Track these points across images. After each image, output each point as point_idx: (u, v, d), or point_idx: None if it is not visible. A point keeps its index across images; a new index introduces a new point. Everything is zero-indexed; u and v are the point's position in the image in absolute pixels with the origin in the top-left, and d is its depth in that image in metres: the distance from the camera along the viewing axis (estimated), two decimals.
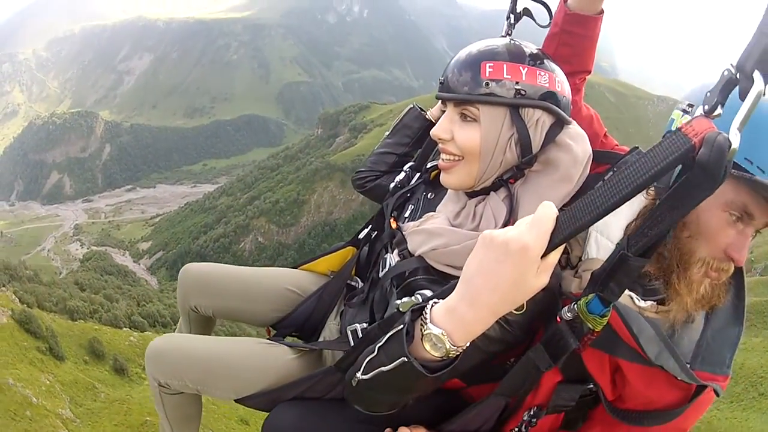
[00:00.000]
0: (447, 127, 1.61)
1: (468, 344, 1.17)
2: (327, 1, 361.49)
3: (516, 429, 1.63)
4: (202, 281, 2.37)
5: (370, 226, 2.18)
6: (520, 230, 1.08)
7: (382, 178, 2.35)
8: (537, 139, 1.56)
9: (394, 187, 2.09)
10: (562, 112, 1.57)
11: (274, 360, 1.98)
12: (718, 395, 1.44)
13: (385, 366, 1.24)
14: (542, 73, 1.54)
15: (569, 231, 1.06)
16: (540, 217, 1.08)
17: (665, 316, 1.45)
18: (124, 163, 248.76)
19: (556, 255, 1.10)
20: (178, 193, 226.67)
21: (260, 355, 2.01)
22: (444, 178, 1.67)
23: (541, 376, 1.53)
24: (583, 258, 1.56)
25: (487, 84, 1.52)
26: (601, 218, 1.05)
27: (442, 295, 1.18)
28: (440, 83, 1.63)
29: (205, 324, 2.52)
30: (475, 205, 1.62)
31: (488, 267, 1.08)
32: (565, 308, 1.26)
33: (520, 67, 1.53)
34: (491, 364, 1.55)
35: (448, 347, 1.14)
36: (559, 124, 1.59)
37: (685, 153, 0.94)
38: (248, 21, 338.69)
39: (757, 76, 0.92)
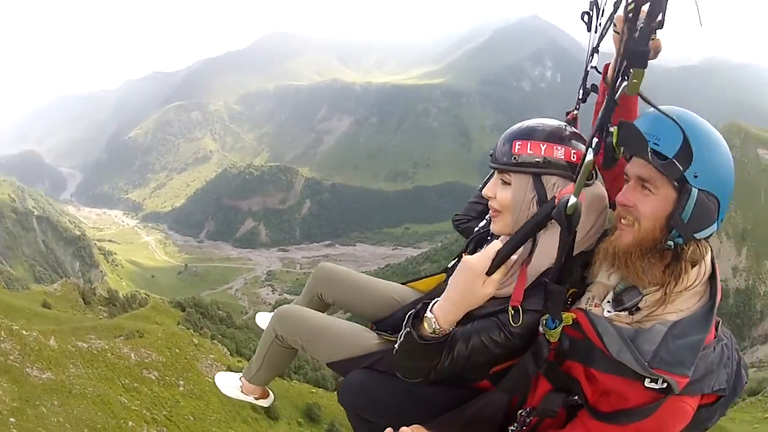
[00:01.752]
0: (492, 188, 2.29)
1: (451, 328, 2.03)
2: (521, 68, 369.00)
3: (516, 425, 2.22)
4: (334, 277, 3.39)
5: (457, 258, 2.77)
6: (475, 256, 2.00)
7: (471, 221, 3.09)
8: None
9: (477, 230, 2.80)
10: (573, 177, 2.13)
11: (364, 340, 2.88)
12: (672, 390, 1.78)
13: (401, 338, 2.11)
14: (558, 148, 2.16)
15: (500, 259, 1.94)
16: (487, 249, 1.99)
17: (630, 322, 1.94)
18: (323, 219, 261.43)
19: (498, 274, 1.97)
20: (378, 254, 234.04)
21: (356, 334, 2.94)
22: (492, 226, 2.37)
23: (530, 379, 2.10)
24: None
25: (515, 158, 2.18)
26: (510, 253, 1.97)
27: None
28: (490, 155, 2.28)
29: (321, 308, 3.43)
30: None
31: (455, 278, 2.02)
32: (540, 326, 1.98)
33: (541, 144, 2.16)
34: (504, 368, 2.23)
35: (434, 326, 2.00)
36: None
37: (547, 210, 1.80)
38: (445, 88, 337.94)
39: (590, 151, 1.57)
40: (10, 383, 25.29)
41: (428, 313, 2.03)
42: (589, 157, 1.57)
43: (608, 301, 2.03)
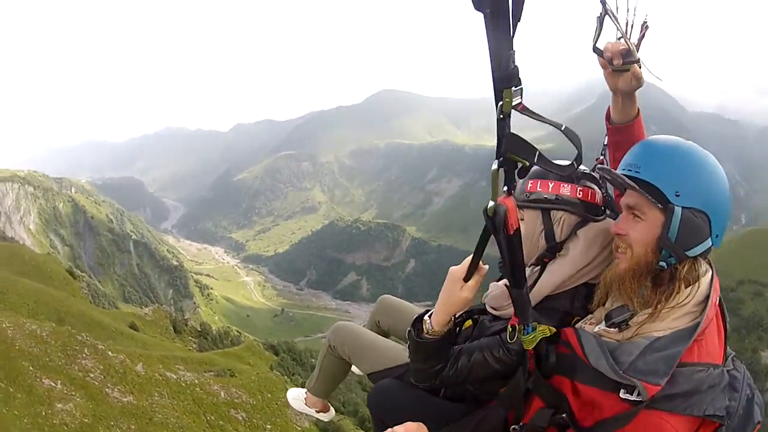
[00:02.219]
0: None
1: (442, 329, 2.23)
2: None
3: None
4: (391, 307, 3.71)
5: None
6: (458, 266, 2.16)
7: None
8: (559, 232, 2.43)
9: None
10: (581, 212, 2.41)
11: (399, 354, 3.19)
12: (642, 398, 1.82)
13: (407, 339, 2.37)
14: (565, 186, 2.40)
15: (473, 266, 2.07)
16: (466, 259, 2.12)
17: (619, 338, 2.01)
18: (426, 279, 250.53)
19: (473, 281, 2.10)
20: None
21: (394, 349, 3.28)
22: None
23: (521, 393, 2.21)
24: None
25: (527, 195, 2.46)
26: (477, 261, 2.06)
27: None
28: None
29: (379, 334, 3.67)
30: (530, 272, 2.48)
31: (443, 285, 2.20)
32: (517, 333, 2.06)
33: (550, 183, 2.41)
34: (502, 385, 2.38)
35: (427, 327, 2.25)
36: (583, 222, 2.41)
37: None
38: (553, 154, 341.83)
39: (495, 162, 1.64)
40: (86, 399, 26.48)
41: (425, 317, 2.29)
42: (494, 167, 1.64)
43: (602, 321, 2.12)
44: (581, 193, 2.40)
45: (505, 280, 2.29)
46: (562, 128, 1.94)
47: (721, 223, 1.92)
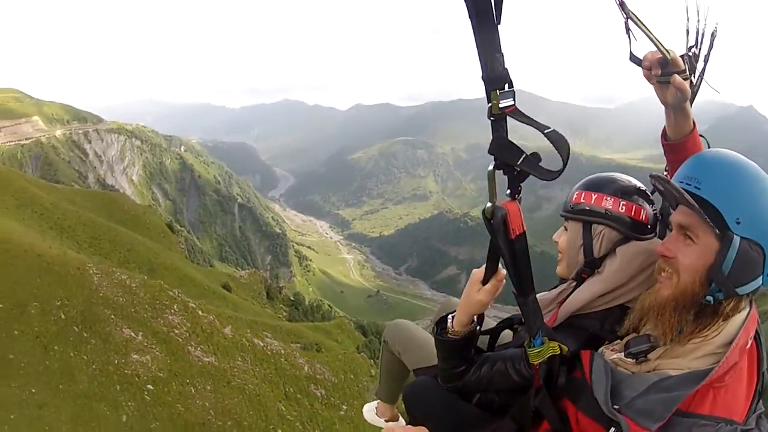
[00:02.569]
0: (558, 234, 2.46)
1: (461, 329, 2.17)
2: None
3: None
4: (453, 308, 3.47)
5: None
6: (480, 268, 2.09)
7: None
8: (598, 247, 2.28)
9: None
10: (624, 228, 2.25)
11: None
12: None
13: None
14: (608, 199, 2.25)
15: (490, 270, 2.00)
16: (484, 265, 2.04)
17: (635, 370, 1.82)
18: None
19: (490, 285, 2.03)
20: None
21: None
22: (557, 269, 2.48)
23: (530, 409, 2.07)
24: None
25: (571, 206, 2.34)
26: (494, 265, 1.99)
27: None
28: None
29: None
30: (566, 286, 2.39)
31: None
32: (524, 342, 2.00)
33: (592, 195, 2.28)
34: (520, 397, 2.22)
35: (448, 326, 2.19)
36: (625, 239, 2.25)
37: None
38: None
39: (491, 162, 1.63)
40: (165, 354, 26.66)
41: (449, 316, 2.26)
42: (489, 167, 1.64)
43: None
44: (624, 207, 2.25)
45: (550, 290, 2.33)
46: (545, 132, 1.69)
47: None
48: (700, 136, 2.18)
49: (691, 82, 2.05)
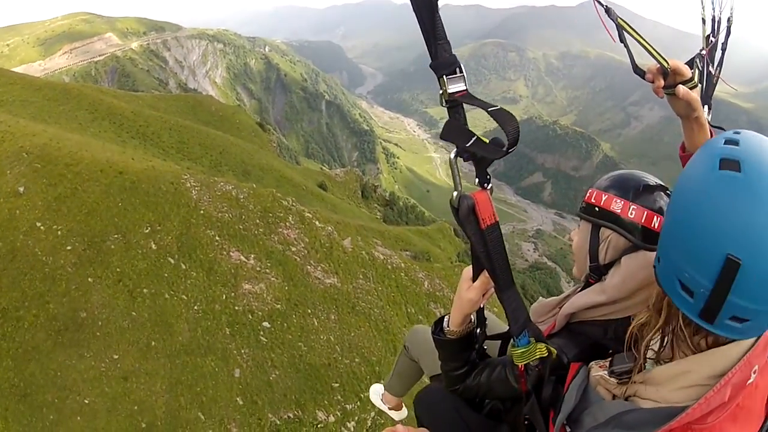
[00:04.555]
0: (575, 232, 2.24)
1: (456, 329, 2.04)
2: None
3: None
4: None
5: None
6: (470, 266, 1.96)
7: None
8: (604, 253, 2.06)
9: None
10: (632, 236, 1.97)
11: None
12: None
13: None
14: (618, 201, 1.98)
15: (477, 267, 1.85)
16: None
17: (616, 392, 1.54)
18: None
19: (479, 282, 1.87)
20: None
21: None
22: (573, 269, 2.31)
23: (522, 418, 2.00)
24: None
25: (584, 205, 2.12)
26: (481, 262, 1.77)
27: None
28: None
29: None
30: (572, 291, 2.27)
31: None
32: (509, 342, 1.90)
33: (603, 195, 2.03)
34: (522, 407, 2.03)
35: (445, 325, 2.07)
36: (633, 248, 1.99)
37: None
38: (752, 115, 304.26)
39: (453, 151, 1.52)
40: (282, 280, 22.63)
41: (446, 316, 2.14)
42: (451, 156, 1.54)
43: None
44: (634, 213, 1.98)
45: (559, 296, 2.21)
46: (488, 110, 1.54)
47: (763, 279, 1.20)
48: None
49: (707, 78, 1.98)
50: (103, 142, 34.11)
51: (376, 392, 4.34)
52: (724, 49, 2.05)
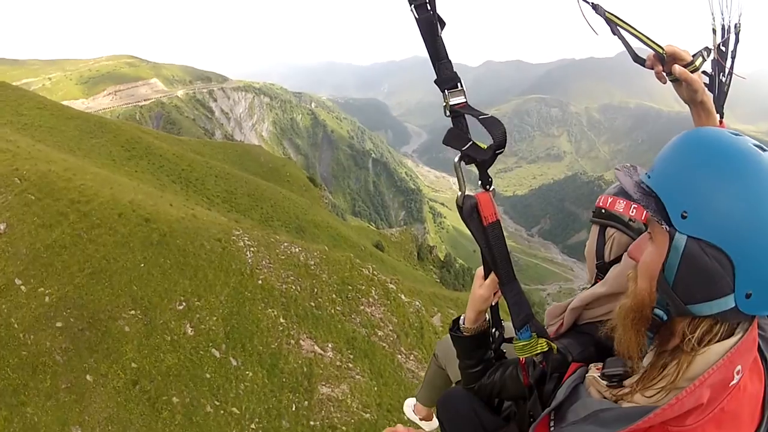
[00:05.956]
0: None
1: (471, 326, 2.11)
2: None
3: None
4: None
5: None
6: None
7: None
8: (609, 251, 2.21)
9: None
10: (630, 232, 2.15)
11: None
12: None
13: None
14: (621, 202, 2.15)
15: (487, 265, 1.93)
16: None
17: (608, 395, 1.46)
18: None
19: (490, 279, 1.95)
20: None
21: None
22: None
23: (528, 416, 1.96)
24: None
25: (593, 210, 2.29)
26: (488, 259, 1.81)
27: None
28: None
29: None
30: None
31: None
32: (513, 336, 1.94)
33: (609, 198, 2.21)
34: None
35: (461, 324, 2.14)
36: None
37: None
38: None
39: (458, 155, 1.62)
40: (370, 377, 16.47)
41: (462, 315, 2.22)
42: (455, 160, 1.64)
43: None
44: (635, 211, 2.12)
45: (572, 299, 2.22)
46: (479, 117, 1.60)
47: (758, 274, 1.15)
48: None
49: (719, 86, 2.03)
50: (138, 182, 28.37)
51: (409, 405, 4.38)
52: (734, 57, 2.08)
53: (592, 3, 1.87)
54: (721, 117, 2.13)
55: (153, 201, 21.35)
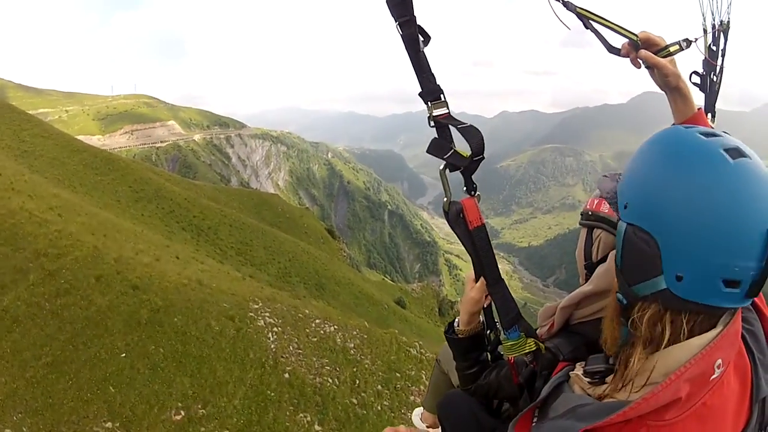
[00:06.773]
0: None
1: (465, 328, 2.13)
2: None
3: None
4: None
5: None
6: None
7: None
8: (596, 251, 2.19)
9: None
10: (614, 232, 1.93)
11: None
12: None
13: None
14: (606, 203, 2.14)
15: (475, 268, 1.93)
16: None
17: (590, 393, 1.45)
18: None
19: (480, 282, 1.94)
20: None
21: None
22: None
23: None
24: None
25: (581, 213, 2.28)
26: (475, 265, 1.91)
27: None
28: None
29: None
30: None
31: None
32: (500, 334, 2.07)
33: (595, 200, 2.20)
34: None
35: (455, 327, 2.16)
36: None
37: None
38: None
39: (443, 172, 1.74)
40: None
41: (457, 317, 2.24)
42: (440, 168, 1.71)
43: None
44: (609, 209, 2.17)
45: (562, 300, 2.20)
46: (458, 127, 1.67)
47: (682, 256, 1.21)
48: None
49: (710, 86, 2.07)
50: (143, 228, 24.88)
51: (417, 414, 4.43)
52: (723, 56, 2.09)
53: (563, 0, 1.89)
54: (713, 116, 2.14)
55: (151, 256, 17.29)
